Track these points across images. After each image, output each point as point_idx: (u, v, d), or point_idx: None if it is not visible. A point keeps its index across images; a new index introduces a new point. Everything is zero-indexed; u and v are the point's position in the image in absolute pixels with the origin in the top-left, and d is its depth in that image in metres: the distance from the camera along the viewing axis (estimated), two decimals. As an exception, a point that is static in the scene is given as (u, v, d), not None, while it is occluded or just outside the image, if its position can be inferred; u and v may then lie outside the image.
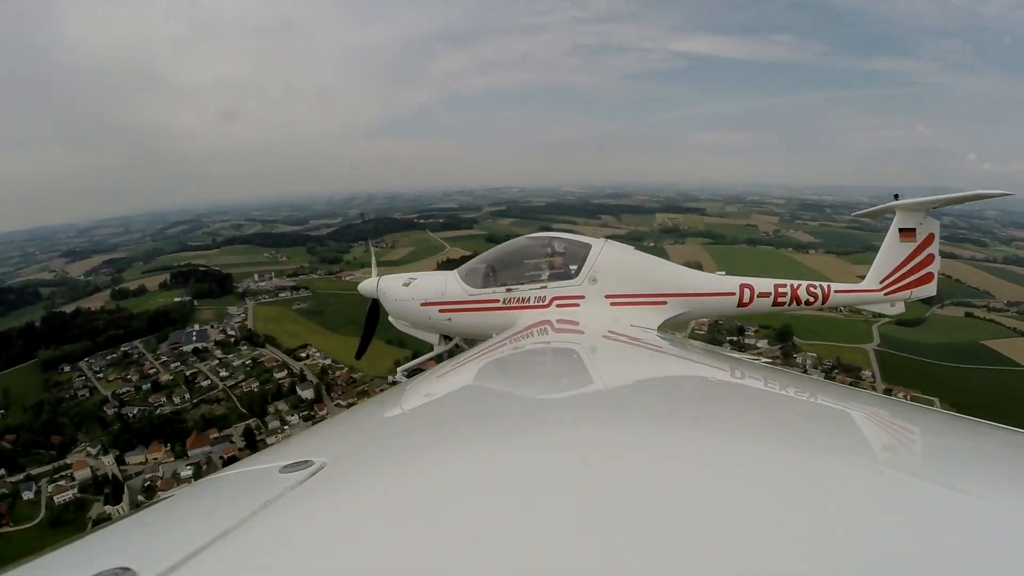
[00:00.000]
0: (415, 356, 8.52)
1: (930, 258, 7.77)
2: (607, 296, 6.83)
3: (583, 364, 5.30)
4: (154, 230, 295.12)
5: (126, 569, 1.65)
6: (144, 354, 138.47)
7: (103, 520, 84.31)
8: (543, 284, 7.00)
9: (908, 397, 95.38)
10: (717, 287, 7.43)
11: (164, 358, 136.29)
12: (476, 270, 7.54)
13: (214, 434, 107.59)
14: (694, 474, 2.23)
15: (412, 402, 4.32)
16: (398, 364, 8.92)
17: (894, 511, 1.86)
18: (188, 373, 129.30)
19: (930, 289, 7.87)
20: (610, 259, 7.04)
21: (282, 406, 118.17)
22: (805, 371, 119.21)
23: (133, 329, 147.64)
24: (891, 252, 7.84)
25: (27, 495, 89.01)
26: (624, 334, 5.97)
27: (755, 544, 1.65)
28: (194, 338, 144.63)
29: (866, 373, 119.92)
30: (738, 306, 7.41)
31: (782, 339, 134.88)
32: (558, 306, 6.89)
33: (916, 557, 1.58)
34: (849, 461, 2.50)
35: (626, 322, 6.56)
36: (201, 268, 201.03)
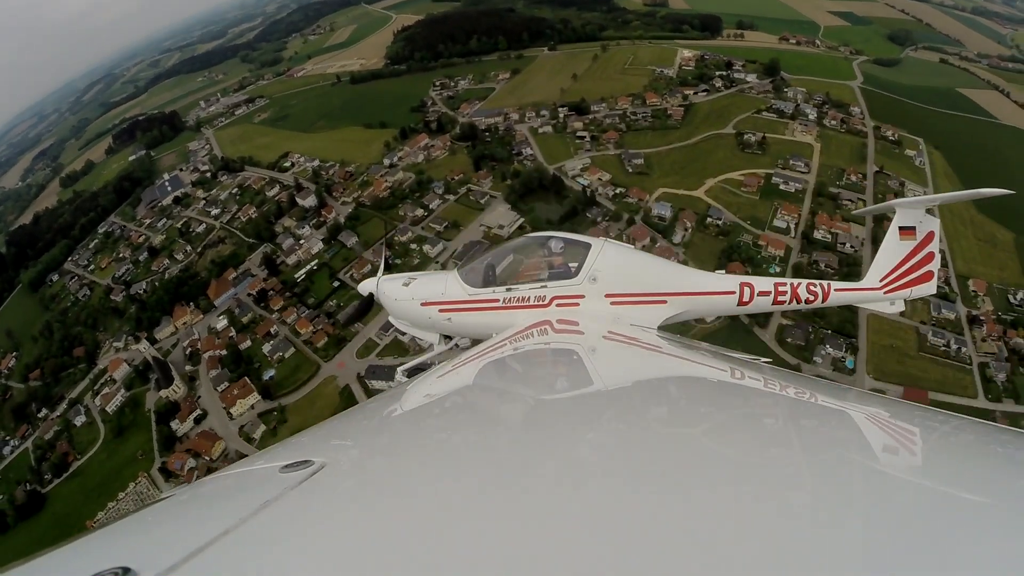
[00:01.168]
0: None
1: (930, 256, 7.18)
2: (607, 295, 6.26)
3: (583, 365, 5.04)
4: (69, 103, 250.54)
5: (126, 569, 1.60)
6: (125, 226, 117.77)
7: (161, 408, 72.91)
8: (543, 283, 6.36)
9: (895, 134, 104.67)
10: (717, 286, 6.76)
11: (148, 221, 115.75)
12: (476, 270, 6.79)
13: (232, 274, 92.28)
14: (693, 474, 2.18)
15: (412, 402, 4.21)
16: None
17: (894, 510, 1.82)
18: (179, 226, 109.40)
19: (930, 287, 7.27)
20: (610, 258, 6.35)
21: (288, 222, 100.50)
22: (797, 106, 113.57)
23: (102, 207, 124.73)
24: (891, 250, 7.22)
25: (79, 420, 77.66)
26: (624, 334, 5.52)
27: (754, 543, 1.60)
28: (168, 188, 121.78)
29: (855, 110, 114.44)
30: (738, 304, 6.79)
31: (771, 73, 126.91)
32: (558, 305, 6.28)
33: (916, 556, 1.53)
34: (849, 461, 2.45)
35: (626, 321, 6.11)
36: (140, 117, 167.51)
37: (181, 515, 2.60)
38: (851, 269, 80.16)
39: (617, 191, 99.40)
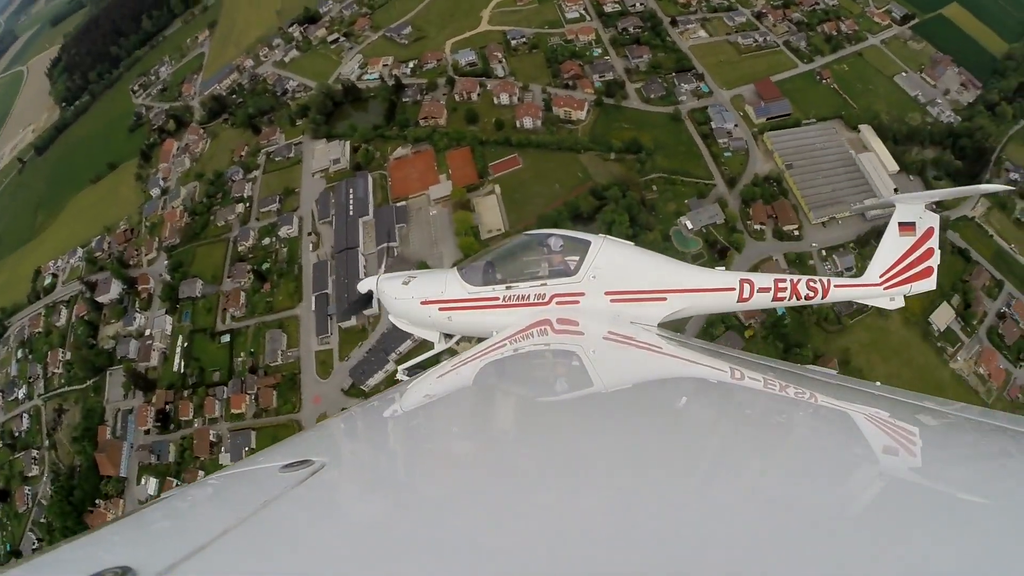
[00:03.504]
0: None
1: (930, 252, 6.59)
2: (607, 293, 5.75)
3: (582, 367, 4.67)
4: None
5: (126, 568, 1.50)
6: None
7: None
8: (543, 281, 5.83)
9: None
10: (717, 283, 6.25)
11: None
12: (476, 268, 6.27)
13: (107, 432, 63.65)
14: (694, 475, 2.11)
15: (412, 402, 4.02)
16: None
17: (893, 510, 1.74)
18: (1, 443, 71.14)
19: (930, 283, 6.68)
20: (610, 256, 5.86)
21: (112, 328, 70.81)
22: None
23: None
24: (891, 246, 6.62)
25: None
26: (624, 334, 5.16)
27: (755, 543, 1.52)
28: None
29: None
30: (738, 301, 6.25)
31: None
32: (558, 303, 5.77)
33: (916, 555, 1.47)
34: (848, 461, 2.34)
35: (626, 319, 5.64)
36: None
37: (181, 515, 2.43)
38: (654, 22, 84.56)
39: (411, 65, 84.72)
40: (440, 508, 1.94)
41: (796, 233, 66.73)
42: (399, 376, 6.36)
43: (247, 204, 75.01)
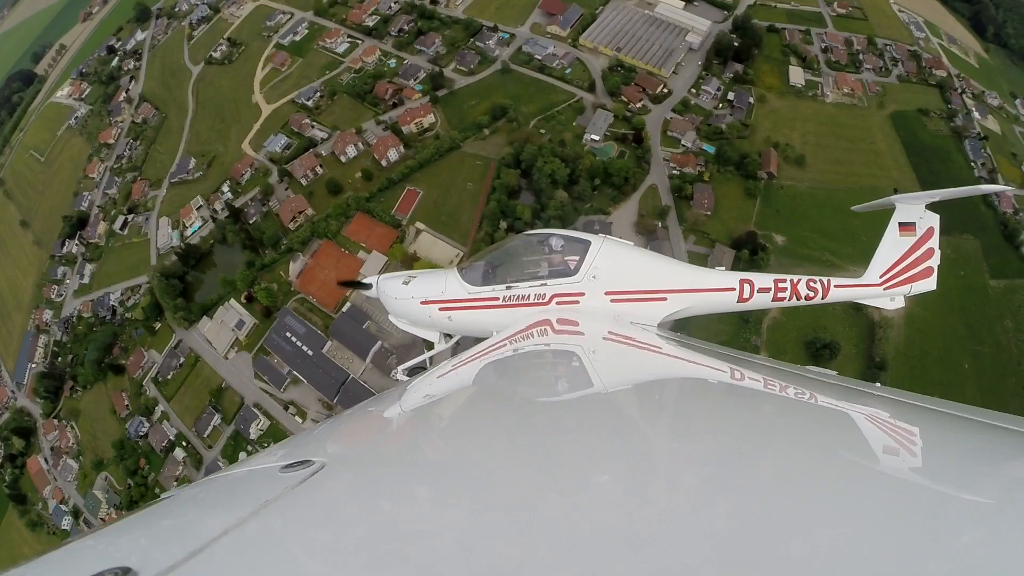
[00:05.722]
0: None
1: (930, 252, 6.30)
2: (607, 293, 5.55)
3: (583, 367, 4.49)
4: None
5: (126, 569, 1.47)
6: None
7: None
8: (543, 281, 5.65)
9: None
10: (717, 283, 5.96)
11: None
12: (476, 268, 6.05)
13: None
14: (693, 476, 2.04)
15: (411, 402, 3.82)
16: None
17: (893, 511, 1.68)
18: None
19: (930, 283, 6.37)
20: (610, 256, 5.67)
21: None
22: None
23: None
24: (891, 246, 6.34)
25: None
26: (624, 335, 4.94)
27: (755, 544, 1.48)
28: None
29: None
30: (738, 301, 5.99)
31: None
32: (558, 303, 5.58)
33: (915, 556, 1.42)
34: (848, 462, 2.25)
35: (626, 319, 5.45)
36: None
37: (181, 515, 2.37)
38: (419, 10, 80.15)
39: (227, 187, 71.08)
40: (440, 508, 1.87)
41: (666, 91, 69.43)
42: (399, 376, 6.14)
43: (185, 444, 56.57)
